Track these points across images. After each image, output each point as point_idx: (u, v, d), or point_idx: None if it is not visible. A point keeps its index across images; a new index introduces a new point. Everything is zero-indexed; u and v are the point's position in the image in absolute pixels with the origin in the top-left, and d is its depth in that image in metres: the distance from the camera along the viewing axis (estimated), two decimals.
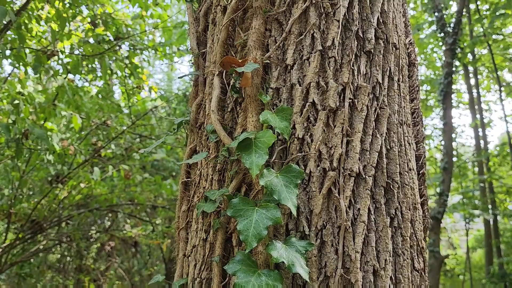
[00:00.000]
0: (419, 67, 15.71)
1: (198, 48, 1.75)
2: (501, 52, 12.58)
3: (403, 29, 1.85)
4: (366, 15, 1.56)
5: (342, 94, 1.45)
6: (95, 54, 4.35)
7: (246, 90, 1.45)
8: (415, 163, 1.72)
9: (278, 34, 1.54)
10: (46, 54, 4.02)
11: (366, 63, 1.53)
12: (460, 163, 13.47)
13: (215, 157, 1.50)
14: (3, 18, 3.20)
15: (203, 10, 1.79)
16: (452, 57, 8.79)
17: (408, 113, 1.73)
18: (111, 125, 5.02)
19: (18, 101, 4.07)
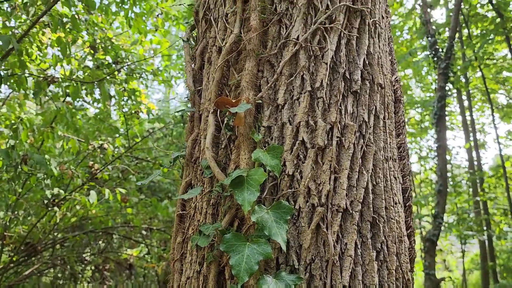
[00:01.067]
0: (415, 89, 15.98)
1: (194, 85, 1.83)
2: (493, 76, 12.84)
3: (389, 67, 1.95)
4: (352, 58, 1.66)
5: (330, 132, 1.54)
6: (94, 80, 4.44)
7: (239, 128, 1.53)
8: (401, 196, 1.79)
9: (270, 75, 1.63)
10: (46, 80, 4.11)
11: (353, 103, 1.62)
12: (455, 183, 13.55)
13: (209, 191, 1.57)
14: (7, 46, 3.30)
15: (199, 49, 1.89)
16: (445, 81, 8.97)
17: (394, 148, 1.82)
18: (108, 148, 5.07)
19: (17, 126, 4.14)
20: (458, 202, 13.29)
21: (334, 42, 1.63)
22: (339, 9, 1.68)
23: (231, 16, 1.75)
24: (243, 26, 1.70)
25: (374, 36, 1.78)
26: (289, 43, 1.63)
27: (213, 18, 1.87)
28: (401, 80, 16.19)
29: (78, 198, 4.86)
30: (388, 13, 2.11)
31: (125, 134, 5.50)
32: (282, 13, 1.67)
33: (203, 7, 1.94)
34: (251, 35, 1.62)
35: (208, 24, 1.89)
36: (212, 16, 1.88)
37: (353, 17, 1.71)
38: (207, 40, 1.87)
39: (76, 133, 5.65)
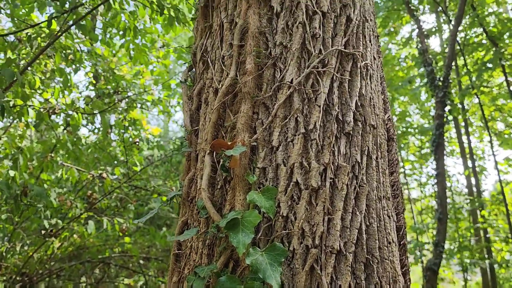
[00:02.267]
0: (412, 116, 16.08)
1: (191, 125, 1.88)
2: (490, 103, 12.96)
3: (381, 107, 2.00)
4: (345, 100, 1.71)
5: (324, 174, 1.57)
6: (95, 112, 4.51)
7: (235, 170, 1.56)
8: (395, 234, 1.81)
9: (265, 117, 1.67)
10: (48, 111, 4.18)
11: (346, 144, 1.66)
12: (455, 210, 13.47)
13: (205, 232, 1.59)
14: (11, 80, 3.37)
15: (197, 90, 1.94)
16: (443, 109, 9.06)
17: (388, 187, 1.85)
18: (107, 178, 5.10)
19: (17, 156, 4.18)
20: (460, 230, 13.18)
21: (327, 85, 1.69)
22: (331, 53, 1.74)
23: (228, 59, 1.82)
24: (239, 69, 1.76)
25: (366, 78, 1.83)
26: (284, 86, 1.68)
27: (210, 60, 1.93)
28: (400, 106, 16.30)
29: (76, 228, 4.85)
30: (380, 53, 2.18)
31: (125, 163, 5.54)
32: (276, 57, 1.73)
33: (201, 49, 2.01)
34: (246, 78, 1.68)
35: (205, 65, 1.95)
36: (209, 58, 1.95)
37: (345, 61, 1.77)
38: (204, 81, 1.93)
39: (76, 161, 5.69)
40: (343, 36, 1.80)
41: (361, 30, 1.89)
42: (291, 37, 1.75)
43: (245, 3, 1.81)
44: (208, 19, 2.06)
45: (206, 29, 2.04)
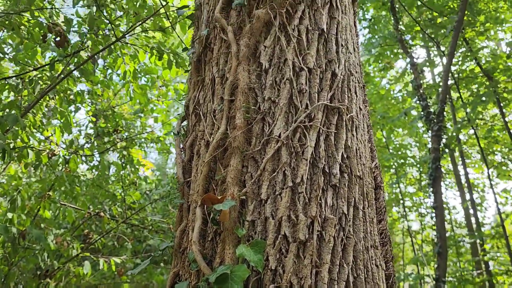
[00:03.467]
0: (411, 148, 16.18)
1: (183, 176, 1.94)
2: (487, 135, 13.08)
3: (368, 155, 2.07)
4: (331, 152, 1.78)
5: (311, 226, 1.61)
6: (94, 154, 4.58)
7: (225, 223, 1.61)
8: (384, 283, 1.83)
9: (254, 170, 1.74)
10: (48, 153, 4.25)
11: (333, 196, 1.71)
12: (455, 243, 13.34)
13: (195, 285, 1.62)
14: (14, 124, 3.46)
15: (189, 141, 2.02)
16: (439, 143, 9.16)
17: (376, 235, 1.89)
18: (104, 216, 5.11)
19: (15, 197, 4.22)
20: (461, 263, 13.01)
21: (314, 139, 1.76)
22: (317, 108, 1.82)
23: (219, 112, 1.90)
24: (229, 123, 1.84)
25: (352, 130, 1.91)
26: (272, 140, 1.75)
27: (202, 113, 2.02)
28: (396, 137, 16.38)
29: (72, 269, 4.82)
30: (366, 102, 2.27)
31: (122, 201, 5.56)
32: (265, 111, 1.82)
33: (193, 101, 2.10)
34: (236, 133, 1.75)
35: (197, 118, 2.03)
36: (201, 111, 2.03)
37: (331, 114, 1.86)
38: (196, 133, 2.01)
39: (74, 200, 5.71)
40: (329, 91, 1.89)
41: (346, 84, 1.98)
42: (279, 93, 1.84)
43: (235, 60, 1.91)
44: (200, 73, 2.16)
45: (198, 82, 2.13)
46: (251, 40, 1.93)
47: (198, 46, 2.18)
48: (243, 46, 1.92)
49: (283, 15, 1.97)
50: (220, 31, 2.08)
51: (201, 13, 2.31)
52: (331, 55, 1.98)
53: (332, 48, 2.00)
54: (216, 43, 2.10)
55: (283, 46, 1.91)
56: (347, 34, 2.15)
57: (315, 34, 1.99)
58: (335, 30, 2.06)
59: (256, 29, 1.94)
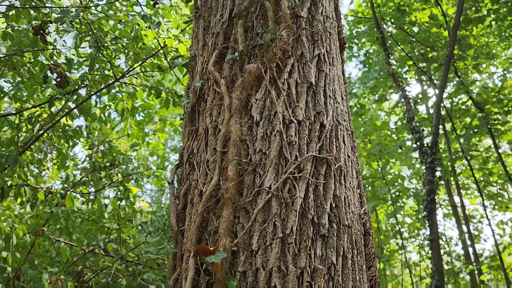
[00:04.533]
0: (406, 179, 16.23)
1: (177, 225, 1.99)
2: (481, 166, 13.18)
3: (357, 202, 2.13)
4: (320, 202, 1.84)
5: (301, 277, 1.66)
6: (91, 193, 4.62)
7: (217, 275, 1.65)
8: None
9: (245, 221, 1.79)
10: (44, 192, 4.29)
11: (322, 246, 1.76)
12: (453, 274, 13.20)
13: None
14: (15, 165, 3.52)
15: (183, 190, 2.08)
16: (433, 175, 9.23)
17: (365, 282, 1.93)
18: (99, 253, 5.10)
19: (10, 235, 4.22)
20: None
21: (303, 190, 1.83)
22: (307, 159, 1.90)
23: (212, 163, 1.97)
24: (221, 174, 1.91)
25: (340, 179, 1.98)
26: (263, 192, 1.82)
27: (196, 163, 2.09)
28: (392, 167, 16.43)
29: None
30: (355, 148, 2.35)
31: (118, 238, 5.55)
32: (256, 163, 1.89)
33: (187, 151, 2.18)
34: (228, 184, 1.82)
35: (191, 167, 2.11)
36: (195, 160, 2.11)
37: (320, 165, 1.93)
38: (190, 182, 2.07)
39: (69, 236, 5.69)
40: (318, 142, 1.97)
41: (334, 134, 2.07)
42: (270, 145, 1.92)
43: (227, 112, 2.00)
44: (194, 123, 2.25)
45: (192, 132, 2.22)
46: (243, 93, 2.03)
47: (192, 96, 2.28)
48: (235, 99, 2.01)
49: (273, 69, 2.07)
50: (213, 83, 2.18)
51: (196, 63, 2.42)
52: (320, 107, 2.07)
53: (320, 100, 2.10)
54: (209, 94, 2.20)
55: (274, 99, 2.01)
56: (335, 84, 2.26)
57: (304, 87, 2.09)
58: (323, 82, 2.16)
59: (248, 83, 2.04)
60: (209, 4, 2.51)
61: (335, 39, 2.49)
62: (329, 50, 2.31)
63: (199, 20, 2.52)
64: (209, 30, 2.41)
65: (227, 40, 2.26)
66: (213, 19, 2.42)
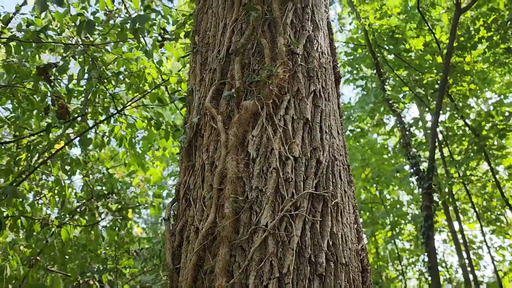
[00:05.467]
0: (405, 204, 16.16)
1: (173, 262, 1.97)
2: (480, 191, 13.16)
3: (354, 237, 2.12)
4: (317, 241, 1.84)
5: None
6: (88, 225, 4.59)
7: None
8: None
9: (241, 259, 1.78)
10: (40, 222, 4.25)
11: (319, 285, 1.74)
12: None
13: None
14: (13, 197, 3.49)
15: (179, 226, 2.07)
16: (430, 201, 9.21)
17: None
18: (93, 284, 5.01)
19: (4, 266, 4.15)
20: None
21: (300, 228, 1.82)
22: (303, 196, 1.90)
23: (208, 200, 1.97)
24: (218, 211, 1.91)
25: (337, 215, 1.98)
26: (259, 230, 1.81)
27: (192, 199, 2.09)
28: (390, 193, 16.39)
29: None
30: (351, 183, 2.36)
31: (114, 268, 5.47)
32: (252, 200, 1.89)
33: (184, 186, 2.18)
34: (224, 222, 1.81)
35: (187, 203, 2.10)
36: (191, 196, 2.10)
37: (317, 202, 1.93)
38: (186, 218, 2.07)
39: (63, 266, 5.60)
40: (314, 179, 1.98)
41: (331, 170, 2.08)
42: (266, 182, 1.92)
43: (224, 149, 2.01)
44: (191, 158, 2.26)
45: (189, 167, 2.22)
46: (240, 130, 2.05)
47: (189, 131, 2.29)
48: (232, 136, 2.03)
49: (270, 106, 2.10)
50: (210, 119, 2.20)
51: (193, 98, 2.45)
52: (316, 142, 2.09)
53: (316, 136, 2.11)
54: (206, 130, 2.21)
55: (270, 135, 2.02)
56: (330, 120, 2.28)
57: (300, 123, 2.11)
58: (319, 118, 2.19)
59: (245, 120, 2.06)
60: (206, 40, 2.56)
61: (330, 74, 2.53)
62: (324, 86, 2.34)
63: (196, 55, 2.57)
64: (206, 66, 2.45)
65: (224, 76, 2.29)
66: (210, 54, 2.46)
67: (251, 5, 2.38)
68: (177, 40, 4.70)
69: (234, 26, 2.38)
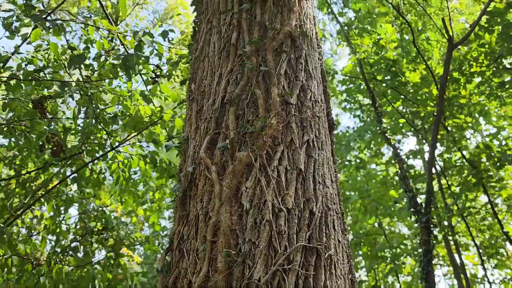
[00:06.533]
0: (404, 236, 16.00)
1: None
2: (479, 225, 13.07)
3: None
4: None
5: None
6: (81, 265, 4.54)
7: None
8: None
9: None
10: (32, 263, 4.20)
11: None
12: None
13: None
14: (6, 237, 3.47)
15: (172, 278, 2.06)
16: (429, 235, 9.14)
17: None
18: None
19: None
20: None
21: (292, 282, 1.81)
22: (296, 249, 1.90)
23: (201, 252, 1.97)
24: (211, 264, 1.90)
25: (330, 268, 1.97)
26: (252, 284, 1.80)
27: (185, 250, 2.08)
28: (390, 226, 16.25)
29: None
30: (346, 231, 2.36)
31: None
32: (246, 254, 1.89)
33: (177, 236, 2.18)
34: (217, 277, 1.81)
35: (181, 254, 2.10)
36: (185, 247, 2.10)
37: (310, 255, 1.93)
38: (179, 270, 2.05)
39: None
40: (307, 231, 1.98)
41: (324, 221, 2.09)
42: (259, 234, 1.92)
43: (218, 201, 2.03)
44: (185, 207, 2.27)
45: (183, 217, 2.23)
46: (233, 181, 2.07)
47: (184, 180, 2.31)
48: (226, 187, 2.05)
49: (263, 157, 2.13)
50: (205, 169, 2.22)
51: (188, 146, 2.48)
52: (309, 193, 2.11)
53: (309, 186, 2.13)
54: (201, 179, 2.23)
55: (263, 187, 2.04)
56: (324, 169, 2.30)
57: (294, 174, 2.13)
58: (313, 168, 2.21)
59: (238, 171, 2.09)
60: (202, 88, 2.62)
61: (324, 122, 2.57)
62: (318, 135, 2.38)
63: (192, 103, 2.62)
64: (202, 114, 2.50)
65: (218, 126, 2.33)
66: (206, 103, 2.51)
67: (246, 56, 2.45)
68: (170, 78, 4.80)
69: (229, 77, 2.44)
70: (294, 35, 2.63)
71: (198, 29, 3.07)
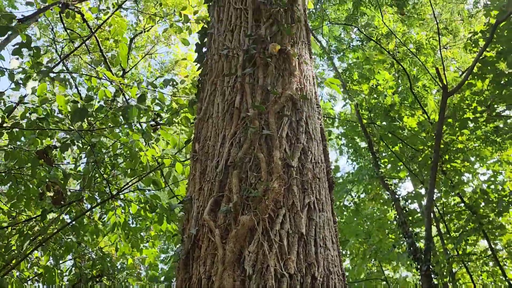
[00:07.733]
0: None
1: None
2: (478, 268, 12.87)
3: None
4: None
5: None
6: None
7: None
8: None
9: None
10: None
11: None
12: None
13: None
14: None
15: None
16: (430, 283, 8.98)
17: None
18: None
19: None
20: None
21: None
22: None
23: None
24: None
25: None
26: None
27: None
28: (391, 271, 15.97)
29: None
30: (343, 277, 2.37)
31: None
32: None
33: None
34: None
35: None
36: None
37: None
38: None
39: None
40: None
41: (326, 285, 2.10)
42: None
43: (221, 265, 2.05)
44: (188, 269, 2.28)
45: (186, 280, 2.24)
46: (236, 245, 2.10)
47: (187, 242, 2.34)
48: (229, 252, 2.08)
49: (265, 221, 2.17)
50: (208, 231, 2.26)
51: (192, 207, 2.53)
52: (311, 258, 2.14)
53: (311, 250, 2.17)
54: (204, 242, 2.26)
55: (266, 251, 2.07)
56: (325, 231, 2.34)
57: (295, 238, 2.17)
58: (314, 231, 2.25)
59: (241, 235, 2.13)
60: (206, 149, 2.69)
61: (324, 182, 2.64)
62: (318, 197, 2.44)
63: (196, 163, 2.69)
64: (206, 175, 2.56)
65: (222, 188, 2.39)
66: (210, 164, 2.58)
67: (249, 119, 2.55)
68: (170, 125, 4.90)
69: (233, 139, 2.53)
70: (295, 98, 2.74)
71: (202, 89, 3.19)
